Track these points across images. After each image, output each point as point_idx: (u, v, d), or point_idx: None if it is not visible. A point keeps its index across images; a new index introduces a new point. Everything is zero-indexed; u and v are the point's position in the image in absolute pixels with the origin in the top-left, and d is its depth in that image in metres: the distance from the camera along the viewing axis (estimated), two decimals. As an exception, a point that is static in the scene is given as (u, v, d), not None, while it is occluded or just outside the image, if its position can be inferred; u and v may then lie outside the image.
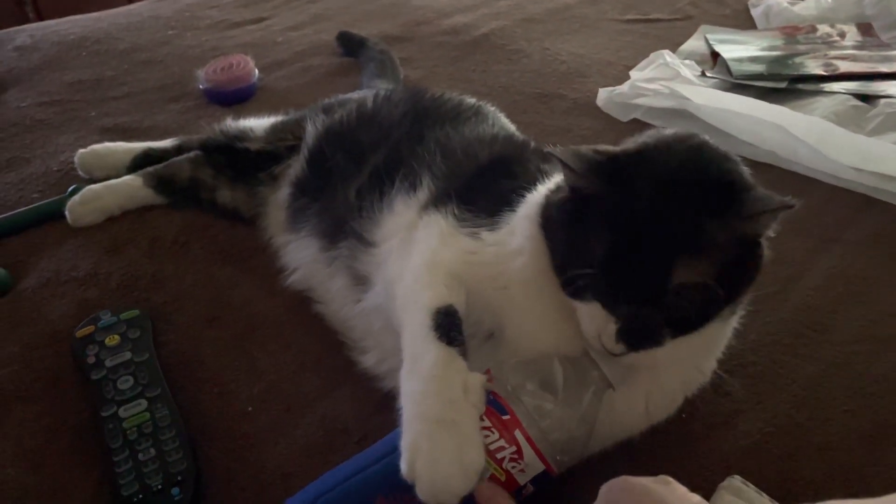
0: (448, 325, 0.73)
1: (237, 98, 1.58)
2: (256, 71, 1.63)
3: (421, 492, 0.62)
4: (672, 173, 0.69)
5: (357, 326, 0.97)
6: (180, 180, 1.23)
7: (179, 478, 0.81)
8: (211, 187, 1.22)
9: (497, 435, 0.66)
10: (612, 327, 0.68)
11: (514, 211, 0.81)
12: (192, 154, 1.25)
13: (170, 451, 0.83)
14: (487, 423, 0.66)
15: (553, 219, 0.75)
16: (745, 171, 0.72)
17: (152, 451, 0.83)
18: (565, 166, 0.71)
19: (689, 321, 0.70)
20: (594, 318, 0.70)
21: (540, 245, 0.76)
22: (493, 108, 1.19)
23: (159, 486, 0.80)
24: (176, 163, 1.25)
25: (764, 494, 0.76)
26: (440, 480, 0.62)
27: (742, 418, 0.89)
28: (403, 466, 0.63)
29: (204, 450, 0.87)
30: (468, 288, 0.79)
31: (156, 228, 1.19)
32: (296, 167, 1.14)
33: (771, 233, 0.71)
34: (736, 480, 0.78)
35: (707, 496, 0.78)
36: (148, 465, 0.82)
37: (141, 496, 0.79)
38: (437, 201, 0.89)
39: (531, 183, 0.84)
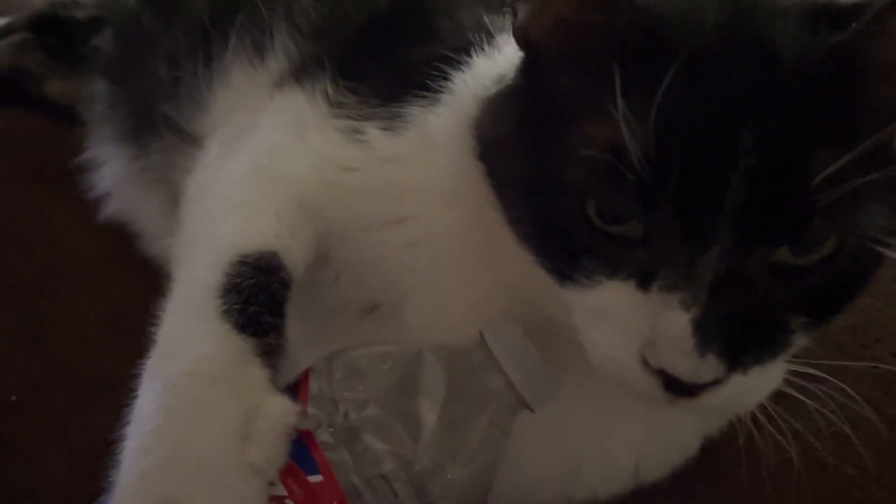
0: (253, 293, 0.41)
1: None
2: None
3: None
4: None
5: None
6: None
7: None
8: (39, 77, 0.97)
9: None
10: (681, 320, 0.33)
11: (429, 99, 0.49)
12: (17, 37, 0.99)
13: None
14: (282, 490, 0.35)
15: (506, 132, 0.43)
16: None
17: None
18: None
19: (842, 287, 0.37)
20: (632, 313, 0.35)
21: (476, 187, 0.44)
22: None
23: None
24: (-7, 49, 0.97)
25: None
26: None
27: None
28: None
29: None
30: (332, 228, 0.49)
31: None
32: (104, 42, 0.84)
33: None
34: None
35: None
36: None
37: None
38: (299, 71, 0.58)
39: (459, 49, 0.51)
